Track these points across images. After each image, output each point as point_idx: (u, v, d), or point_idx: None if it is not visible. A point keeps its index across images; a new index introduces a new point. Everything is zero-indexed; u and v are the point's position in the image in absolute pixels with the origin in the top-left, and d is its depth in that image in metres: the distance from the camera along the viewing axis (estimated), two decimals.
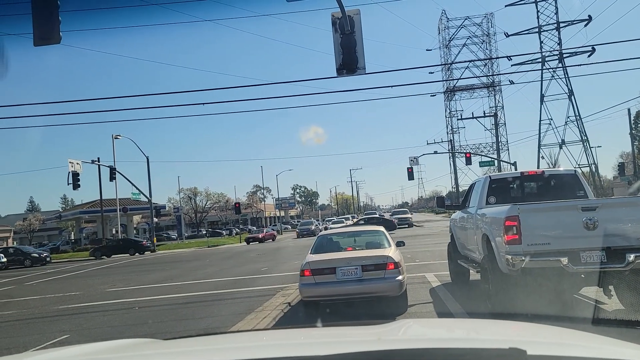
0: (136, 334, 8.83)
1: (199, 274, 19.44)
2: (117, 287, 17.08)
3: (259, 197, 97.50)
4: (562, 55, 51.40)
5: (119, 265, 29.95)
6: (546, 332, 2.01)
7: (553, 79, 54.55)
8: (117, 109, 42.28)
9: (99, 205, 46.68)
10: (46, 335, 9.51)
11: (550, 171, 10.46)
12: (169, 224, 78.84)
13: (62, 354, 2.10)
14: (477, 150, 63.64)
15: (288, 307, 10.10)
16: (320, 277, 8.42)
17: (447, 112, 68.60)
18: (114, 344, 2.26)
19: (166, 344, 2.23)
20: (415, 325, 2.57)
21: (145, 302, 12.79)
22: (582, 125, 54.65)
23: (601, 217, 6.82)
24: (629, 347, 1.66)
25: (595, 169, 55.57)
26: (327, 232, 11.50)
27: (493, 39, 66.04)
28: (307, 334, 2.30)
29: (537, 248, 6.91)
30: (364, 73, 10.58)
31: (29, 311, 13.10)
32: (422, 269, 14.33)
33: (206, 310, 10.92)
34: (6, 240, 59.36)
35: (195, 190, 77.15)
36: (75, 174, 34.33)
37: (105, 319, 11.05)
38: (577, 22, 51.39)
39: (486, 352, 1.43)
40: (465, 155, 46.33)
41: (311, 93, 67.88)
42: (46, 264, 37.44)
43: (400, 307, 8.65)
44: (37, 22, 8.92)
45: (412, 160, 44.05)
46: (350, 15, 10.10)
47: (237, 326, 8.75)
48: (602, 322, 6.58)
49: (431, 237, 28.67)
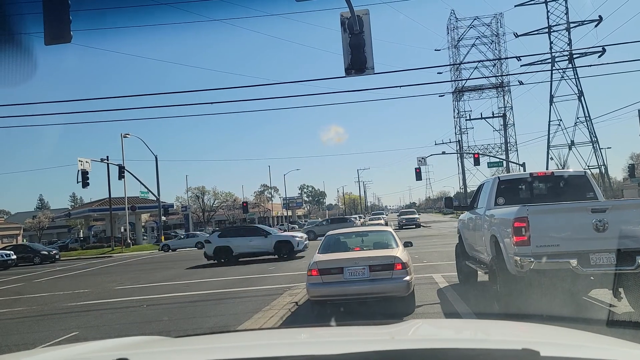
0: (145, 331, 8.88)
1: (207, 272, 19.51)
2: (126, 285, 17.18)
3: (266, 196, 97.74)
4: (572, 55, 51.04)
5: (127, 263, 30.12)
6: (557, 334, 2.00)
7: (563, 79, 54.22)
8: (127, 108, 42.73)
9: (108, 203, 46.96)
10: (55, 332, 9.58)
11: (559, 172, 10.39)
12: (177, 223, 79.14)
13: (72, 351, 2.12)
14: (486, 151, 63.42)
15: (295, 307, 10.11)
16: (328, 277, 8.42)
17: (455, 113, 68.47)
18: (125, 341, 2.28)
19: (177, 341, 2.24)
20: (425, 326, 2.57)
21: (154, 300, 12.86)
22: (591, 126, 54.33)
23: (611, 219, 6.77)
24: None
25: (605, 171, 55.17)
26: (335, 232, 11.50)
27: (502, 39, 65.86)
28: (318, 333, 2.31)
29: (546, 250, 6.87)
30: (373, 73, 10.56)
31: (38, 308, 13.21)
32: (430, 269, 14.29)
33: (214, 309, 10.96)
34: (16, 237, 59.93)
35: (203, 189, 77.46)
36: (84, 173, 34.56)
37: (113, 316, 11.12)
38: (588, 22, 51.06)
39: (499, 352, 1.43)
40: (474, 156, 46.08)
41: (319, 93, 68.07)
42: (55, 261, 37.69)
43: (408, 308, 8.64)
44: (48, 21, 8.98)
45: (420, 161, 43.94)
46: (359, 15, 10.08)
47: (245, 325, 8.77)
48: (612, 324, 6.55)
49: (439, 238, 28.57)
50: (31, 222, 70.61)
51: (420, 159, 44.11)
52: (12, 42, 8.57)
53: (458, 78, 63.79)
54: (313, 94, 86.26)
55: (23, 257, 37.01)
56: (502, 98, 66.05)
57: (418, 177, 42.87)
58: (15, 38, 8.55)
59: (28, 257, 37.38)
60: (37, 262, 36.99)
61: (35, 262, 37.00)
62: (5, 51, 8.67)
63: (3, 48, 8.70)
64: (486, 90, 66.32)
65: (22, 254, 37.43)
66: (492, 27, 66.25)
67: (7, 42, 8.64)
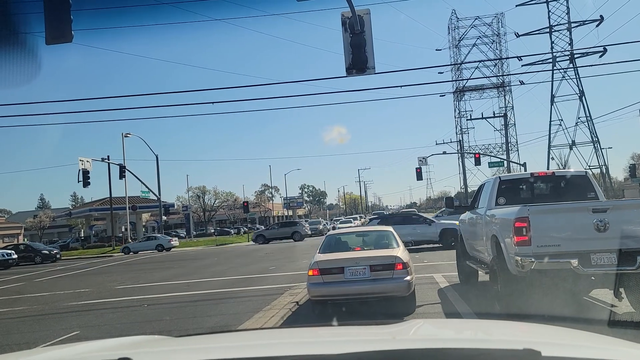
0: (145, 331, 8.89)
1: (207, 272, 19.52)
2: (126, 285, 17.20)
3: (267, 196, 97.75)
4: (573, 55, 50.98)
5: (128, 263, 30.15)
6: (558, 334, 2.00)
7: (564, 79, 54.16)
8: (127, 108, 42.69)
9: (109, 203, 47.01)
10: (56, 332, 9.59)
11: (560, 172, 10.39)
12: (178, 222, 79.25)
13: (74, 350, 2.12)
14: (487, 150, 63.35)
15: (296, 306, 10.12)
16: (329, 277, 8.42)
17: (456, 113, 68.37)
18: (126, 340, 2.29)
19: (179, 341, 2.24)
20: (426, 325, 2.57)
21: (154, 300, 12.86)
22: (592, 126, 54.27)
23: (612, 219, 6.77)
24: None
25: (606, 171, 55.15)
26: (336, 232, 11.49)
27: (503, 39, 65.72)
28: (319, 333, 2.31)
29: (547, 250, 6.87)
30: (374, 73, 10.56)
31: (39, 307, 13.22)
32: (430, 269, 14.30)
33: (215, 309, 10.96)
34: (17, 237, 59.96)
35: (203, 189, 77.57)
36: (85, 172, 34.61)
37: (114, 316, 11.13)
38: (589, 22, 50.98)
39: (501, 352, 1.43)
40: (475, 156, 46.11)
41: (320, 93, 67.93)
42: (56, 260, 37.75)
43: (409, 308, 8.63)
44: (49, 20, 8.99)
45: (421, 161, 43.92)
46: (360, 14, 10.08)
47: (245, 324, 8.77)
48: (613, 324, 6.54)
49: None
50: (32, 221, 70.66)
51: (421, 159, 44.10)
52: (16, 42, 8.55)
53: (459, 78, 63.73)
54: (313, 93, 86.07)
55: (24, 257, 37.08)
56: (503, 98, 65.97)
57: (419, 176, 42.86)
58: (19, 38, 8.53)
59: (29, 257, 37.46)
60: (38, 261, 37.06)
61: (36, 261, 37.08)
62: (9, 51, 8.65)
63: (6, 48, 8.68)
64: (487, 90, 66.20)
65: (23, 253, 37.51)
66: (493, 26, 66.16)
67: (11, 42, 8.62)
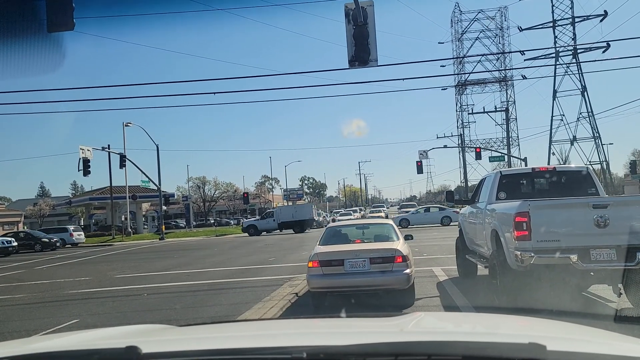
0: (146, 320, 8.92)
1: (207, 262, 19.57)
2: (126, 274, 17.25)
3: (267, 187, 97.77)
4: (577, 50, 50.85)
5: (128, 252, 30.22)
6: (562, 329, 2.01)
7: (566, 74, 54.03)
8: (129, 97, 42.53)
9: (109, 192, 47.02)
10: (56, 319, 9.63)
11: (561, 168, 10.39)
12: (178, 213, 79.30)
13: (79, 338, 2.13)
14: (487, 145, 63.24)
15: (295, 297, 10.16)
16: (328, 269, 8.44)
17: (457, 106, 68.17)
18: (130, 329, 2.30)
19: (183, 330, 2.26)
20: (429, 318, 2.58)
21: (154, 289, 12.91)
22: (594, 121, 54.18)
23: (612, 214, 6.78)
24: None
25: (607, 167, 55.12)
26: (336, 224, 11.51)
27: (506, 33, 65.34)
28: (323, 324, 2.32)
29: (547, 245, 6.89)
30: (376, 65, 10.53)
31: (39, 295, 13.27)
32: (430, 262, 14.33)
33: (214, 299, 11.01)
34: (17, 224, 60.01)
35: (204, 179, 77.54)
36: (85, 161, 34.54)
37: (114, 304, 11.18)
38: (593, 17, 50.78)
39: (506, 346, 1.44)
40: (475, 150, 45.95)
41: (322, 84, 67.68)
42: (56, 249, 37.87)
43: (408, 300, 8.67)
44: (51, 8, 8.94)
45: (422, 154, 43.81)
46: (364, 6, 10.04)
47: (245, 315, 8.81)
48: (612, 319, 6.57)
49: (439, 231, 28.64)
50: (32, 209, 70.69)
51: (422, 152, 43.99)
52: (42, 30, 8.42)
53: (461, 71, 63.55)
54: (315, 85, 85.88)
55: (24, 244, 37.15)
56: (504, 92, 65.74)
57: (419, 170, 42.78)
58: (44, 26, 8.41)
59: (29, 244, 37.54)
60: (38, 249, 37.15)
61: (36, 249, 37.16)
62: (36, 39, 8.56)
63: (34, 36, 8.60)
64: (489, 84, 65.95)
65: (23, 241, 37.59)
66: (496, 20, 65.77)
67: (37, 31, 8.52)
